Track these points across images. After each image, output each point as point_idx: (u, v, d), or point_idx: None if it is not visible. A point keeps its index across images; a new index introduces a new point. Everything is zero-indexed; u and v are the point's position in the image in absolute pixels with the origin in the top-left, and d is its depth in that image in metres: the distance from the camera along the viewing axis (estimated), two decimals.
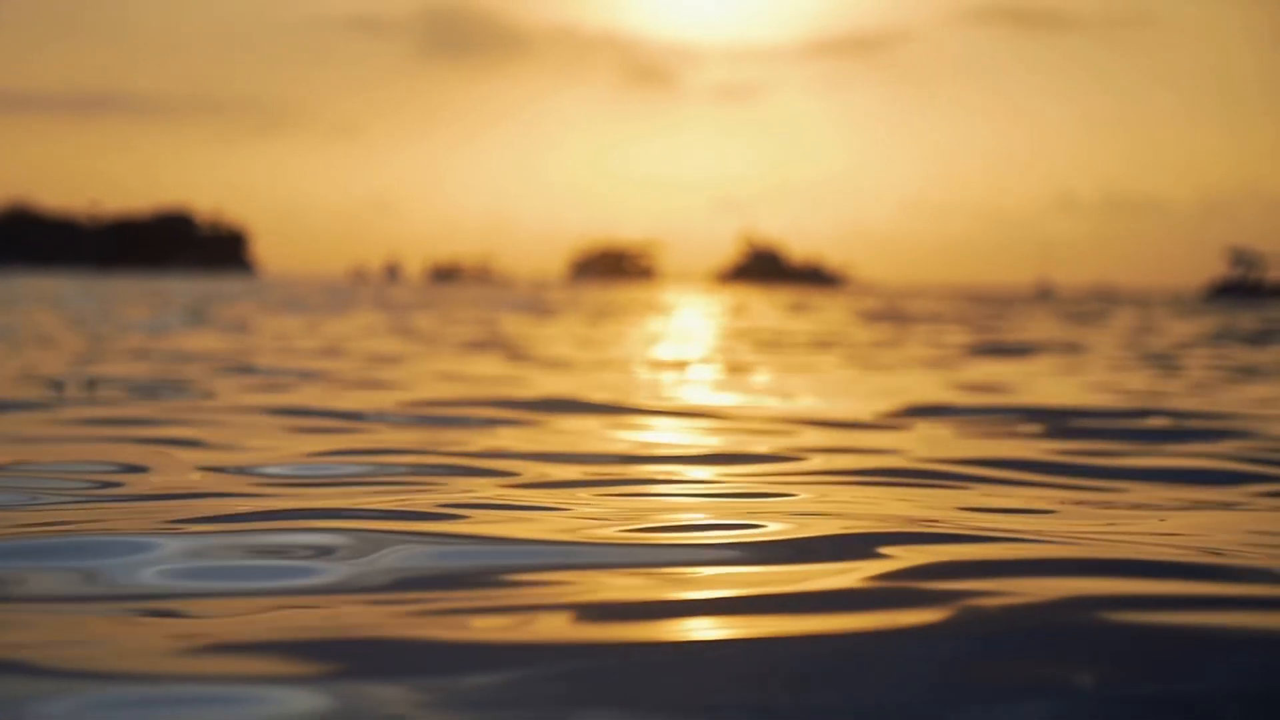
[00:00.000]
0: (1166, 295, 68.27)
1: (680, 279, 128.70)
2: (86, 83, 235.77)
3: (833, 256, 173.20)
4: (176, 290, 30.83)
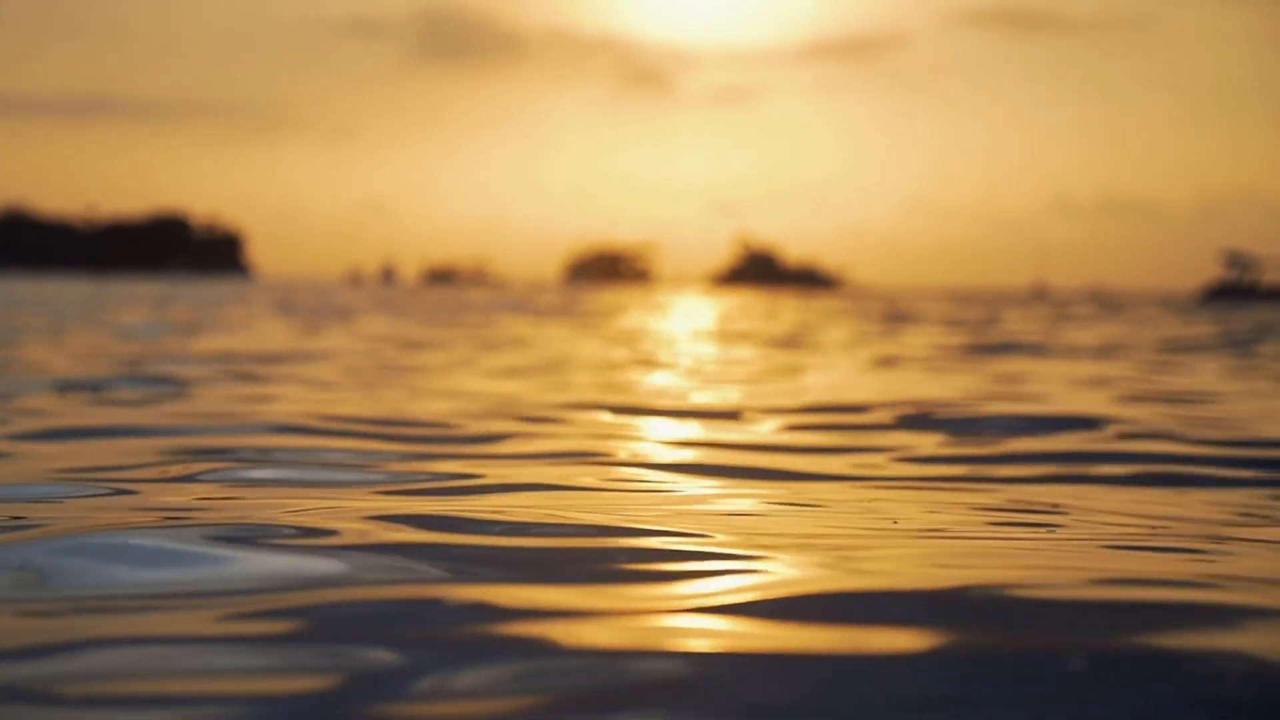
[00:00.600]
0: (1162, 297, 68.33)
1: (676, 282, 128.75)
2: (82, 85, 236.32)
3: (830, 259, 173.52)
4: (184, 295, 30.86)
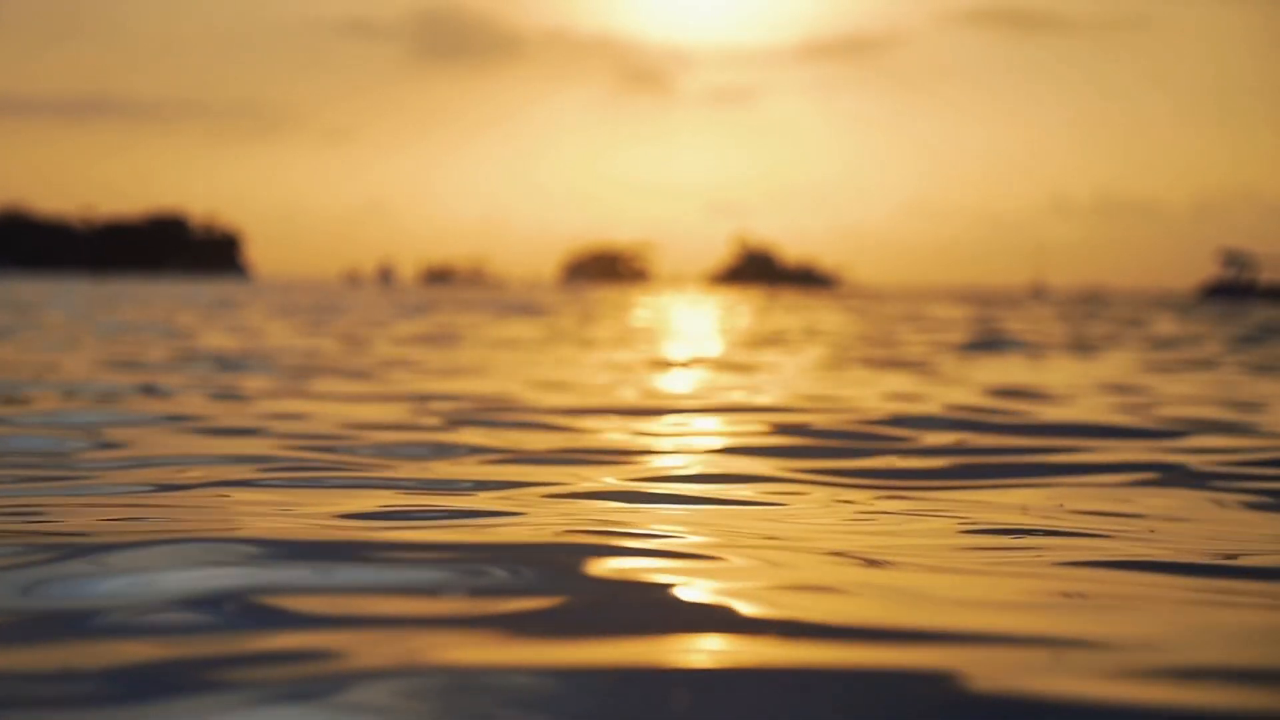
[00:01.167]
0: (1160, 296, 68.29)
1: (674, 281, 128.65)
2: (80, 86, 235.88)
3: (828, 259, 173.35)
4: (194, 295, 30.87)
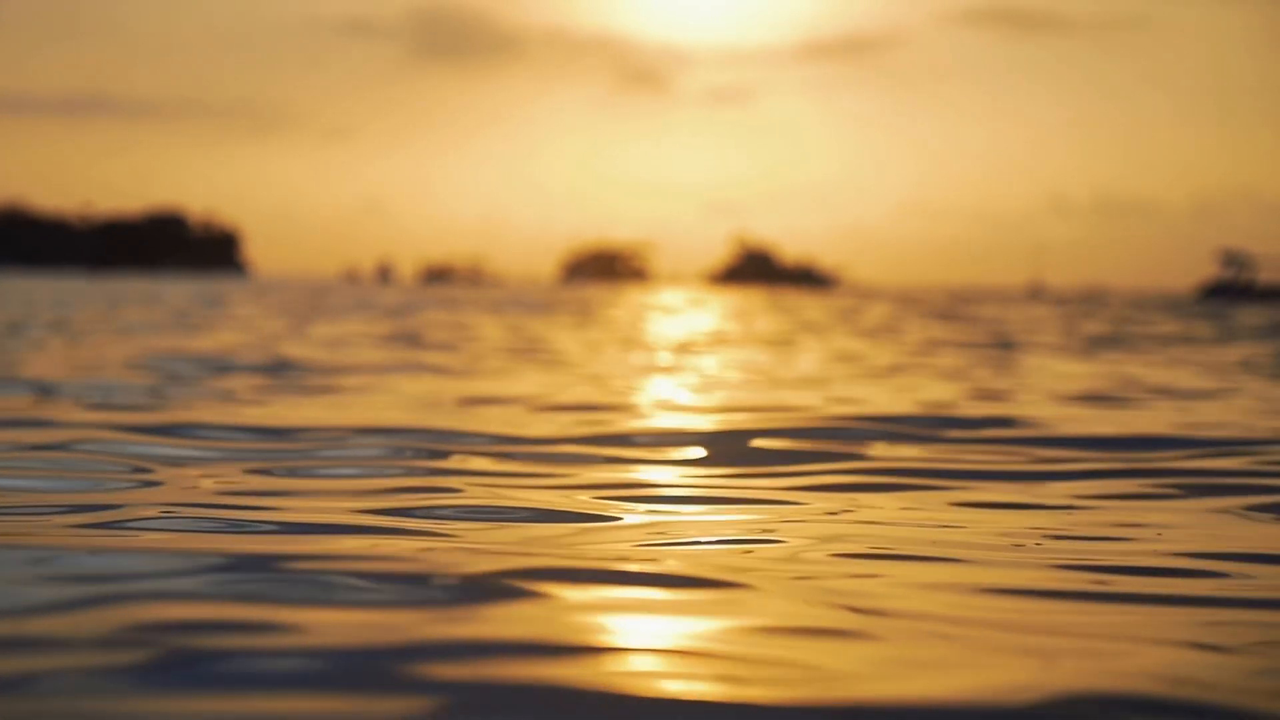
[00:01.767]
0: (1159, 296, 68.34)
1: (673, 280, 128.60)
2: (79, 84, 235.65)
3: (827, 259, 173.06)
4: (195, 293, 30.89)
